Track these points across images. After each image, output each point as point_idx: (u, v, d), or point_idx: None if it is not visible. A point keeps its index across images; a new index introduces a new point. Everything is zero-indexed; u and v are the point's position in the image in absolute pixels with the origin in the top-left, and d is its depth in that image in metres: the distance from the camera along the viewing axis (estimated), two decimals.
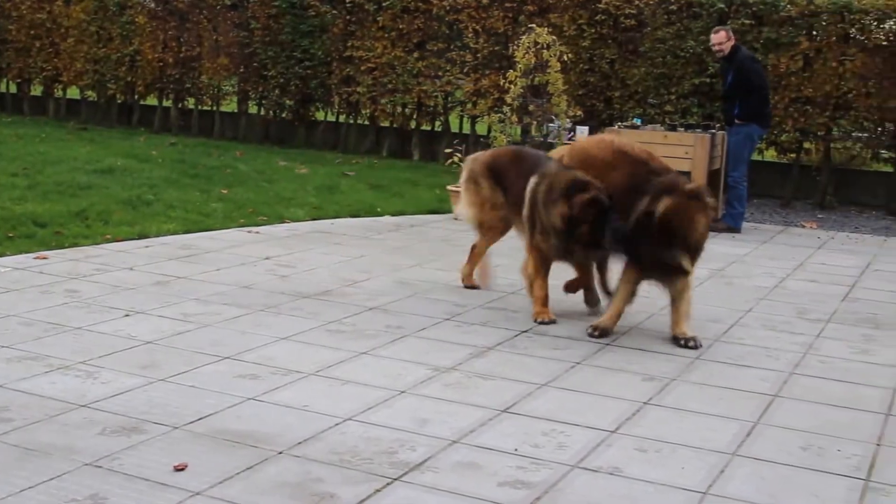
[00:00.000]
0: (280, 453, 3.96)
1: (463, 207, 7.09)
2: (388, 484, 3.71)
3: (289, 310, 6.19)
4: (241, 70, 16.68)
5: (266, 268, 7.38)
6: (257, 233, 8.82)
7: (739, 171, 10.49)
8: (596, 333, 5.95)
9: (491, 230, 7.02)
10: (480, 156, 7.14)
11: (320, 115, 16.84)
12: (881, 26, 12.43)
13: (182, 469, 3.76)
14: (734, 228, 10.39)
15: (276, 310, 6.18)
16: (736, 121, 10.49)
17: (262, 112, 16.93)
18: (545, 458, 4.04)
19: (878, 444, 4.39)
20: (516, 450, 4.11)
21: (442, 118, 15.64)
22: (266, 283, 6.90)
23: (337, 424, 4.28)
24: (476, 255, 7.20)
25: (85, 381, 4.67)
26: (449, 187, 10.60)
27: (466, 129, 15.37)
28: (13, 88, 19.78)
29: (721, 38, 10.49)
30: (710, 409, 4.75)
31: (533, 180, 6.30)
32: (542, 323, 6.19)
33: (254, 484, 3.67)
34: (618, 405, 4.74)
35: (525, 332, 6.01)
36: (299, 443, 4.06)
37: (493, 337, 5.85)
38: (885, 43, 12.45)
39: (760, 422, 4.61)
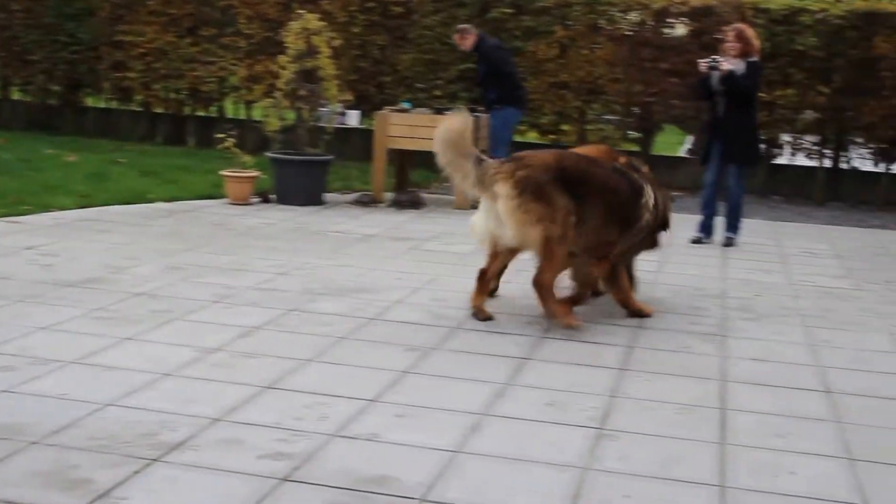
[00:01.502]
0: (34, 443, 3.91)
1: (517, 227, 5.84)
2: (147, 465, 3.77)
3: (51, 299, 6.08)
4: (2, 54, 15.89)
5: (27, 258, 7.18)
6: (18, 223, 8.53)
7: (501, 152, 10.95)
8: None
9: (564, 250, 5.98)
10: (537, 161, 5.96)
11: (91, 101, 16.30)
12: (626, 17, 13.35)
13: None
14: None
15: (37, 300, 6.05)
16: (493, 105, 11.14)
17: (27, 98, 16.22)
18: (306, 430, 4.20)
19: (611, 397, 4.81)
20: (278, 423, 4.25)
21: (217, 104, 15.47)
22: (27, 273, 6.72)
23: (97, 410, 4.28)
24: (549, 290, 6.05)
25: None
26: (223, 172, 10.58)
27: (243, 115, 15.28)
28: None
29: (457, 40, 11.50)
30: (466, 373, 5.05)
31: (650, 188, 6.44)
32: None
33: (4, 475, 3.62)
34: (379, 375, 4.97)
35: (293, 310, 6.16)
36: (55, 431, 4.04)
37: (261, 317, 5.96)
38: (629, 33, 13.35)
39: (511, 383, 4.94)
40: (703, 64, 9.17)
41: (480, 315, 6.14)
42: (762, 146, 12.96)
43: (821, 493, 3.80)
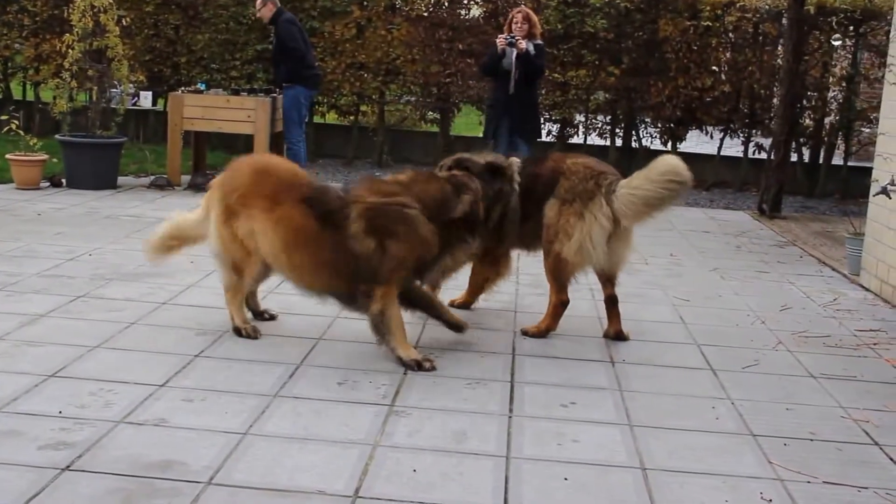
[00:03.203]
0: None
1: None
2: None
3: None
4: None
5: None
6: None
7: (294, 133, 10.91)
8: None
9: None
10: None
11: None
12: None
13: None
14: None
15: None
16: (283, 83, 10.90)
17: None
18: (90, 418, 4.10)
19: (404, 374, 4.91)
20: (60, 412, 4.14)
21: (1, 85, 14.70)
22: None
23: None
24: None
25: None
26: (8, 156, 10.11)
27: (31, 97, 14.58)
28: None
29: (258, 5, 11.04)
30: (259, 356, 5.05)
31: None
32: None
33: None
34: (169, 360, 4.90)
35: (81, 297, 5.97)
36: None
37: (46, 304, 5.76)
38: (425, 14, 13.51)
39: (304, 363, 4.97)
40: (501, 40, 9.44)
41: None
42: (556, 126, 13.46)
43: (602, 459, 4.00)
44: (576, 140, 13.97)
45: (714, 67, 13.37)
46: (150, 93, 11.97)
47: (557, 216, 5.60)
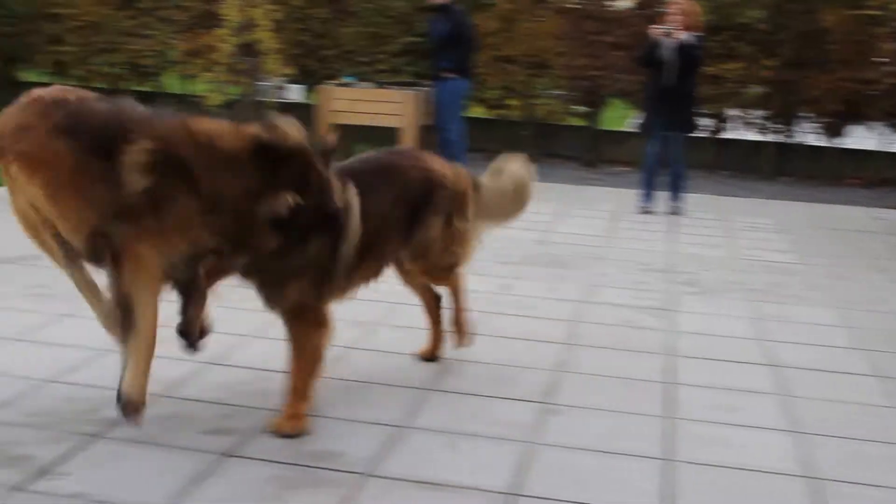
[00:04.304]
0: None
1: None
2: (88, 441, 3.72)
3: None
4: None
5: None
6: None
7: (455, 125, 10.89)
8: None
9: None
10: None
11: (27, 76, 15.93)
12: None
13: None
14: None
15: None
16: (446, 74, 10.78)
17: None
18: (248, 405, 4.17)
19: (557, 371, 4.83)
20: (221, 399, 4.21)
21: (157, 78, 15.22)
22: None
23: (37, 387, 4.21)
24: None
25: None
26: None
27: (184, 90, 15.04)
28: None
29: None
30: (410, 349, 5.04)
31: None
32: None
33: None
34: None
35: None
36: None
37: None
38: (574, 6, 13.34)
39: (457, 358, 4.94)
40: (656, 30, 9.27)
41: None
42: (710, 120, 13.11)
43: (768, 466, 3.84)
44: (731, 135, 13.57)
45: (880, 59, 12.74)
46: (299, 86, 12.19)
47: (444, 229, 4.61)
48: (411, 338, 5.20)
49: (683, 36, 9.21)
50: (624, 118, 13.88)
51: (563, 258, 7.39)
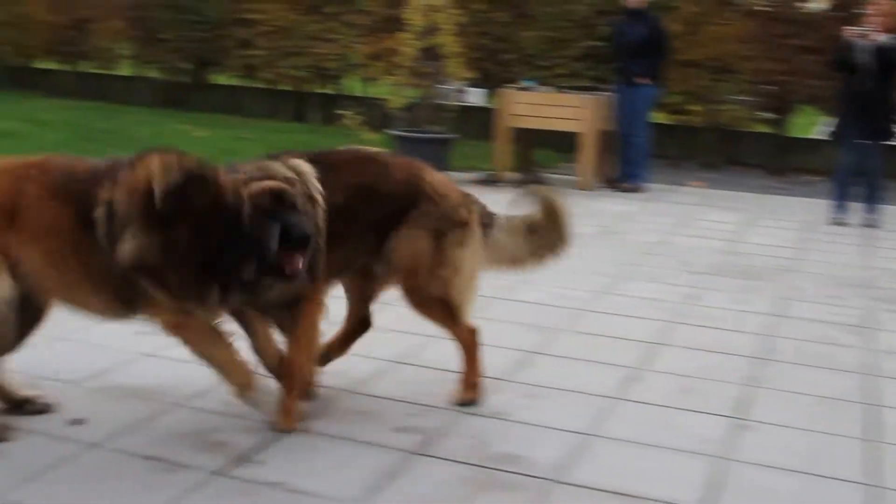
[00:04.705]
0: (176, 405, 4.03)
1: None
2: (283, 432, 3.82)
3: None
4: (137, 33, 16.39)
5: None
6: None
7: (642, 131, 10.74)
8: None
9: None
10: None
11: (218, 79, 16.65)
12: None
13: (79, 423, 3.80)
14: (637, 188, 10.68)
15: None
16: (638, 80, 10.63)
17: (158, 75, 16.68)
18: (435, 405, 4.19)
19: (749, 386, 4.65)
20: (408, 398, 4.25)
21: (339, 81, 15.62)
22: None
23: None
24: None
25: None
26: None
27: (365, 93, 15.39)
28: None
29: None
30: (596, 356, 4.97)
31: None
32: None
33: (151, 434, 3.74)
34: (506, 354, 4.92)
35: None
36: (194, 395, 4.13)
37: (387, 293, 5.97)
38: (763, 8, 12.91)
39: (643, 367, 4.84)
40: (851, 32, 8.88)
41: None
42: None
43: None
44: None
45: None
46: (480, 89, 12.25)
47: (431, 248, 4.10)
48: (595, 344, 5.14)
49: (882, 38, 8.77)
50: (813, 125, 13.35)
51: (752, 269, 7.15)
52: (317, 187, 3.70)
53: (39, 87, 17.48)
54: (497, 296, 6.03)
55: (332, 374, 4.46)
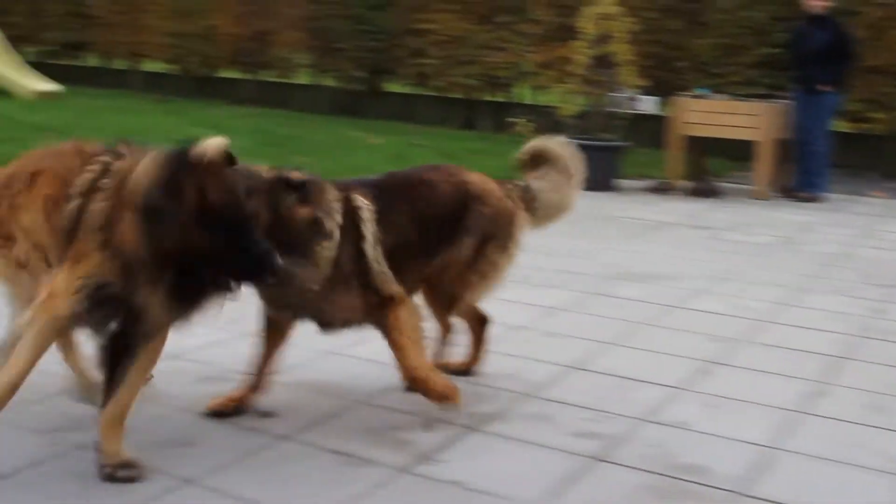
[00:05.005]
0: (360, 402, 4.16)
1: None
2: (463, 432, 3.88)
3: None
4: (314, 43, 16.96)
5: None
6: None
7: (822, 140, 10.41)
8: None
9: None
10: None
11: (391, 87, 17.04)
12: None
13: (269, 415, 3.97)
14: (815, 197, 10.36)
15: None
16: (821, 88, 10.31)
17: (335, 84, 17.19)
18: (613, 411, 4.15)
19: None
20: (585, 403, 4.25)
21: (510, 90, 15.72)
22: None
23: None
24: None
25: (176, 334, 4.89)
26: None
27: (535, 101, 15.44)
28: (94, 62, 20.34)
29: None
30: (778, 368, 4.84)
31: None
32: None
33: (338, 429, 3.87)
34: (684, 364, 4.85)
35: (593, 293, 6.15)
36: (377, 393, 4.26)
37: (561, 298, 6.00)
38: None
39: (828, 382, 4.69)
40: None
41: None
42: None
43: None
44: None
45: None
46: (652, 97, 12.12)
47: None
48: (777, 356, 5.02)
49: None
50: None
51: None
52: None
53: (223, 96, 18.31)
54: (675, 305, 5.97)
55: (509, 378, 4.52)
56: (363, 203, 3.87)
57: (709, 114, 10.56)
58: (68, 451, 3.55)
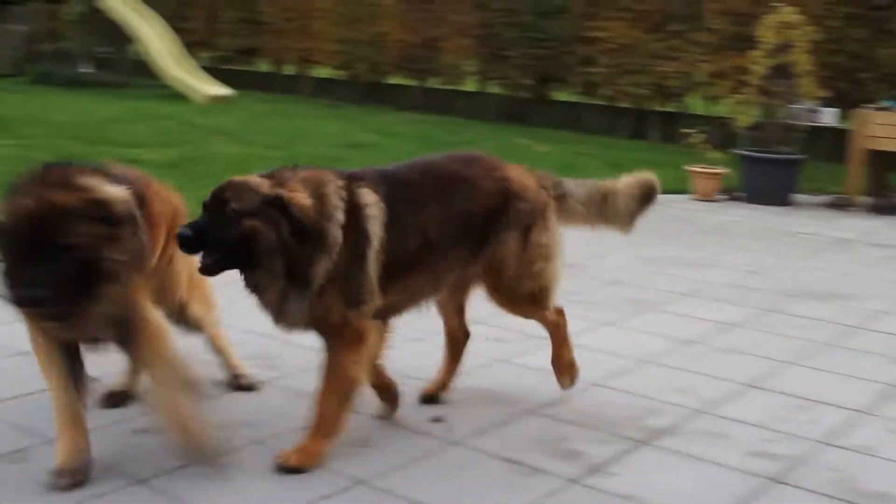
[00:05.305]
0: (529, 412, 4.14)
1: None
2: (635, 446, 3.82)
3: None
4: (482, 50, 17.08)
5: None
6: None
7: None
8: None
9: None
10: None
11: (558, 95, 16.98)
12: None
13: (439, 420, 4.00)
14: None
15: None
16: None
17: (501, 91, 17.26)
18: (792, 433, 4.01)
19: None
20: (763, 423, 4.11)
21: (681, 99, 15.42)
22: None
23: (583, 389, 4.40)
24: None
25: None
26: (689, 167, 10.52)
27: (707, 111, 15.10)
28: (265, 68, 21.07)
29: None
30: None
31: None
32: None
33: (507, 438, 3.86)
34: (865, 387, 4.64)
35: (768, 310, 5.95)
36: (546, 403, 4.23)
37: (735, 314, 5.83)
38: None
39: None
40: None
41: None
42: None
43: None
44: None
45: None
46: (833, 109, 11.65)
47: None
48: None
49: None
50: None
51: None
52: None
53: (390, 102, 18.65)
54: (855, 325, 5.72)
55: (681, 392, 4.42)
56: (371, 199, 3.58)
57: (894, 127, 10.09)
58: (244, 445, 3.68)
